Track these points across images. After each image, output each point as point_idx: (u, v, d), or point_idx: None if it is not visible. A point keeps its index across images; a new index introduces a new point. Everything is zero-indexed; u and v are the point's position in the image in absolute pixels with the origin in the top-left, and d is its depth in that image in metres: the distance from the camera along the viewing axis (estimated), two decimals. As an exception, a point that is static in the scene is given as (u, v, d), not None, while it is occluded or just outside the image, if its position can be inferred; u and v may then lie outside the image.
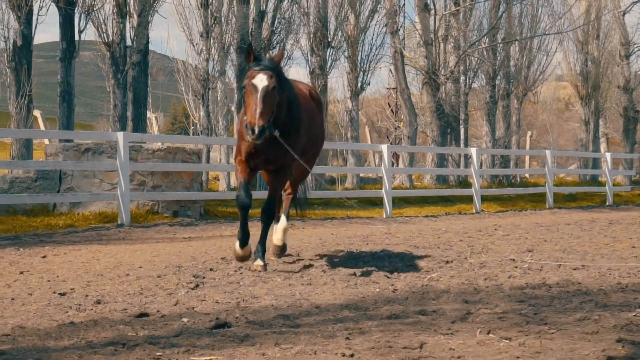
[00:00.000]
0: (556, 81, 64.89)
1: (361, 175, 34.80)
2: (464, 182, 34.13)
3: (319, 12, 31.83)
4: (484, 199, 27.74)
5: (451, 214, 24.72)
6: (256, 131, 9.36)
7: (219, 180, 30.23)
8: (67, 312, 7.47)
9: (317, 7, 31.99)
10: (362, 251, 12.69)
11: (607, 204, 31.67)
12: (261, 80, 9.64)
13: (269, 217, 10.71)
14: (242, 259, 10.67)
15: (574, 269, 10.41)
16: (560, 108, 76.51)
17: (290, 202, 12.37)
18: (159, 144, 20.41)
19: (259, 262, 10.41)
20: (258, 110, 9.44)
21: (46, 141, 23.54)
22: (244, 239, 10.59)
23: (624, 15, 48.97)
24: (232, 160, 32.04)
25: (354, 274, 9.85)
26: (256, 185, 24.73)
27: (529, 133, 53.00)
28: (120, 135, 18.12)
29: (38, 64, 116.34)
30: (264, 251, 10.62)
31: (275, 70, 9.86)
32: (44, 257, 12.20)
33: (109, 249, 13.45)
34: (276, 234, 11.78)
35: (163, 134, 28.60)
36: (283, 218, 11.89)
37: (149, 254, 12.56)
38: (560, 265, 10.82)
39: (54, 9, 25.30)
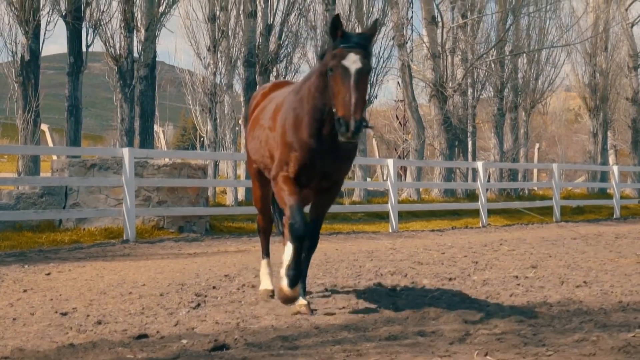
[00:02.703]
0: (566, 91, 64.85)
1: (369, 187, 34.77)
2: (472, 194, 34.10)
3: (326, 26, 31.83)
4: (491, 212, 27.70)
5: (457, 227, 24.69)
6: (352, 126, 7.47)
7: (226, 193, 30.22)
8: (67, 333, 7.49)
9: (324, 20, 32.02)
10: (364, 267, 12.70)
11: (614, 216, 31.60)
12: (354, 62, 7.79)
13: (314, 244, 8.90)
14: (291, 300, 8.55)
15: (577, 286, 10.41)
16: (570, 119, 76.42)
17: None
18: (165, 159, 20.43)
19: (302, 301, 8.67)
20: (353, 100, 7.58)
21: (54, 155, 23.59)
22: (295, 278, 8.45)
23: (632, 27, 48.95)
24: (240, 174, 32.04)
25: (355, 292, 9.84)
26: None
27: (537, 145, 52.89)
28: (125, 151, 18.17)
29: (48, 76, 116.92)
30: (304, 286, 8.89)
31: (369, 50, 8.07)
32: (48, 274, 12.22)
33: (113, 265, 13.47)
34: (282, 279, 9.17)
35: (168, 150, 28.62)
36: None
37: (153, 270, 12.58)
38: (563, 282, 10.82)
39: (61, 24, 25.44)
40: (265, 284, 9.92)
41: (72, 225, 18.81)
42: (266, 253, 10.37)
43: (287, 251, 8.96)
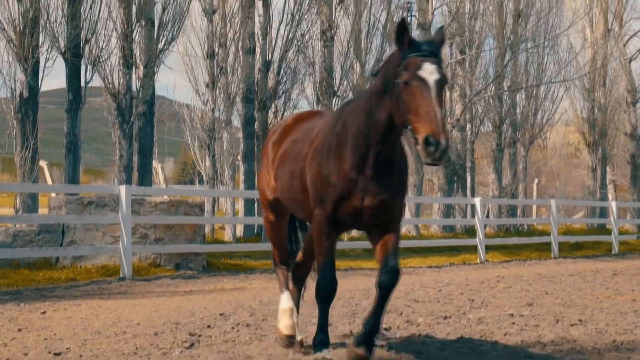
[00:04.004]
0: (565, 126, 64.96)
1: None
2: (471, 230, 34.08)
3: (325, 62, 31.99)
4: (489, 248, 27.69)
5: (455, 264, 24.68)
6: (443, 145, 6.52)
7: (224, 229, 30.24)
8: (59, 374, 7.49)
9: (323, 56, 32.16)
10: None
11: (613, 252, 31.58)
12: (432, 73, 6.86)
13: (394, 281, 7.40)
14: None
15: (572, 325, 10.41)
16: (570, 152, 76.45)
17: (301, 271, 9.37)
18: (162, 196, 20.46)
19: (361, 349, 7.42)
20: (439, 115, 6.65)
21: (53, 193, 23.65)
22: (324, 344, 7.72)
23: (630, 62, 49.11)
24: (239, 209, 32.01)
25: (350, 332, 9.84)
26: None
27: (536, 180, 52.95)
28: (122, 188, 18.21)
29: (49, 110, 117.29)
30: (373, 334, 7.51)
31: (441, 60, 7.16)
32: (43, 312, 12.21)
33: (109, 304, 13.46)
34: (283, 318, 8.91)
35: (165, 188, 28.63)
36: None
37: (148, 309, 12.56)
38: (558, 320, 10.82)
39: (60, 61, 25.51)
40: (285, 325, 8.79)
41: (68, 263, 18.80)
42: (286, 286, 9.22)
43: (284, 300, 8.87)
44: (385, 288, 7.35)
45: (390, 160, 7.42)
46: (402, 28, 7.02)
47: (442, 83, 6.85)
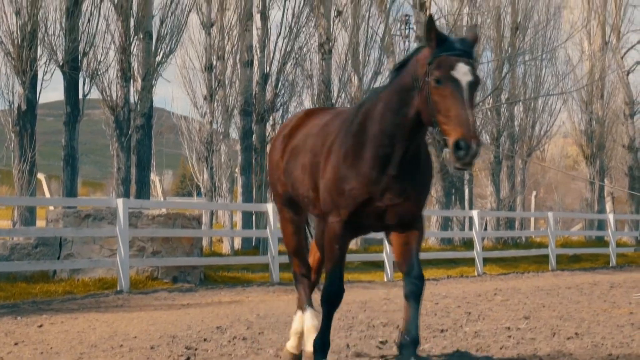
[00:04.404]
0: (563, 138, 65.04)
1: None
2: (469, 242, 34.07)
3: (322, 75, 32.02)
4: (486, 260, 27.69)
5: (453, 277, 24.67)
6: (474, 150, 6.34)
7: (222, 242, 30.23)
8: (54, 388, 7.49)
9: (321, 69, 32.19)
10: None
11: (610, 265, 31.59)
12: (465, 73, 6.61)
13: (420, 288, 7.22)
14: None
15: (568, 338, 10.42)
16: (569, 164, 76.49)
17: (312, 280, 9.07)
18: (160, 209, 20.48)
19: None
20: (471, 119, 6.44)
21: (51, 206, 23.68)
22: (325, 348, 7.66)
23: (627, 75, 49.19)
24: (236, 221, 32.01)
25: (347, 346, 9.84)
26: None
27: (534, 193, 52.95)
28: (119, 201, 18.23)
29: (48, 123, 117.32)
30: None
31: (475, 60, 6.94)
32: (40, 326, 12.21)
33: (106, 317, 13.46)
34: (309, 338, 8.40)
35: (162, 201, 28.70)
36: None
37: (145, 322, 12.56)
38: (554, 334, 10.82)
39: (58, 73, 25.52)
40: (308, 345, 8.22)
41: (66, 276, 18.81)
42: (309, 302, 8.75)
43: (308, 318, 8.46)
44: (416, 297, 7.14)
45: (416, 158, 7.19)
46: (431, 25, 6.80)
47: (475, 85, 6.65)
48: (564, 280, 23.37)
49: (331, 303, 7.46)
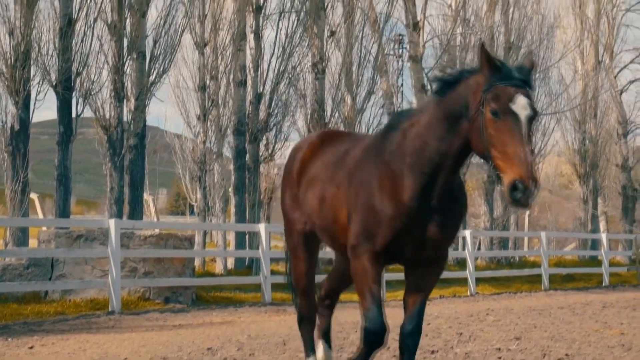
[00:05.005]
0: (558, 156, 65.09)
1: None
2: (462, 262, 34.04)
3: (316, 94, 32.08)
4: (479, 280, 27.68)
5: (445, 296, 24.66)
6: (533, 192, 5.98)
7: (215, 261, 30.21)
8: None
9: (314, 89, 32.24)
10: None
11: (603, 284, 31.59)
12: (524, 107, 6.19)
13: (417, 340, 7.16)
14: None
15: (558, 359, 10.41)
16: (563, 183, 76.57)
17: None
18: (152, 230, 20.46)
19: None
20: (529, 157, 6.02)
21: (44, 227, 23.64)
22: None
23: (621, 94, 49.34)
24: (230, 240, 31.94)
25: (336, 367, 9.82)
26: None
27: (527, 212, 52.99)
28: (111, 222, 18.23)
29: (42, 141, 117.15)
30: None
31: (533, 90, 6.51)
32: (31, 347, 12.18)
33: (97, 338, 13.43)
34: None
35: (154, 222, 28.63)
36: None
37: (136, 343, 12.54)
38: (545, 355, 10.82)
39: (51, 93, 25.52)
40: None
41: (57, 297, 18.77)
42: (312, 348, 8.55)
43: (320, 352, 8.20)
44: (410, 353, 7.06)
45: (450, 188, 6.83)
46: (484, 51, 6.37)
47: (534, 119, 6.25)
48: (556, 300, 23.37)
49: (373, 344, 6.97)
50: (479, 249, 36.12)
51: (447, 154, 6.57)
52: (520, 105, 6.16)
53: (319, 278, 8.75)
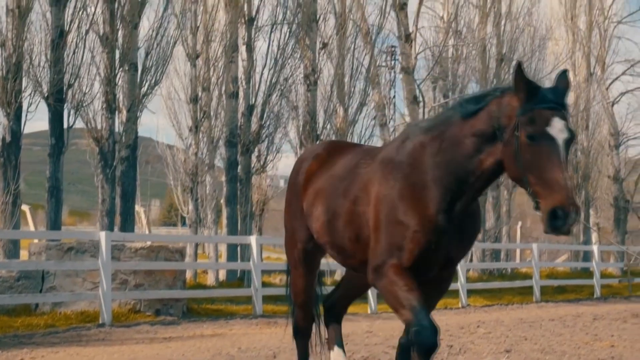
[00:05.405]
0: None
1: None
2: (454, 274, 34.06)
3: (308, 106, 32.11)
4: (471, 292, 27.68)
5: (437, 308, 24.49)
6: (573, 218, 5.77)
7: (207, 273, 30.20)
8: None
9: (306, 100, 32.27)
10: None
11: (595, 296, 31.60)
12: (562, 131, 6.03)
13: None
14: None
15: (547, 373, 10.43)
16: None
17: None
18: (143, 242, 20.43)
19: None
20: (569, 183, 5.87)
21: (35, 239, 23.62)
22: None
23: (612, 105, 49.43)
24: (222, 252, 31.92)
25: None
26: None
27: (519, 223, 53.00)
28: (102, 234, 18.20)
29: (34, 152, 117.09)
30: None
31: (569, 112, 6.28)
32: (20, 360, 12.18)
33: (87, 351, 13.40)
34: None
35: (145, 234, 28.63)
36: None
37: (126, 356, 12.52)
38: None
39: (43, 105, 25.50)
40: None
41: (48, 309, 18.74)
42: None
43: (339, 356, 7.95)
44: None
45: (470, 207, 6.71)
46: (520, 73, 6.14)
47: (571, 142, 6.06)
48: (547, 312, 23.38)
49: (428, 350, 6.32)
50: (470, 260, 36.12)
51: (475, 173, 6.43)
52: (557, 128, 5.99)
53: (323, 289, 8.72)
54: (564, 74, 6.42)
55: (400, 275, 6.45)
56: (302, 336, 8.46)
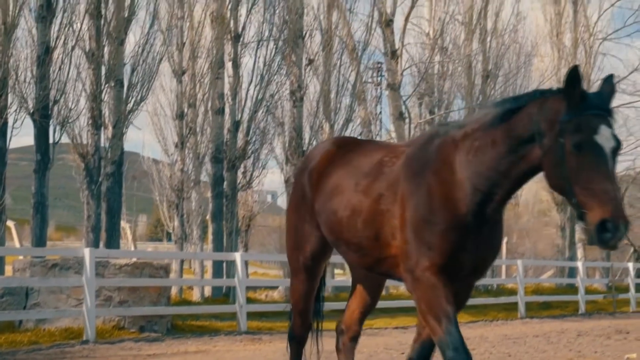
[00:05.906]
0: (537, 182, 65.19)
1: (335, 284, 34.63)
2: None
3: (294, 122, 32.17)
4: (456, 308, 27.65)
5: (421, 325, 24.59)
6: (622, 231, 5.51)
7: (192, 289, 30.18)
8: None
9: (292, 116, 32.33)
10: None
11: (579, 312, 31.66)
12: (608, 139, 5.75)
13: None
14: None
15: (529, 391, 10.47)
16: (543, 209, 76.81)
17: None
18: (127, 258, 20.42)
19: None
20: (618, 195, 5.61)
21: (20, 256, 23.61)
22: None
23: (597, 122, 49.55)
24: (208, 268, 31.89)
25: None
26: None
27: (505, 239, 53.15)
28: (86, 251, 18.18)
29: (21, 167, 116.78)
30: None
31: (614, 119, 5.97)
32: (3, 378, 12.15)
33: (70, 368, 13.40)
34: None
35: (130, 250, 28.66)
36: None
37: (109, 374, 12.52)
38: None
39: (29, 120, 25.51)
40: None
41: (32, 326, 18.68)
42: None
43: None
44: None
45: (496, 215, 6.48)
46: (575, 77, 5.89)
47: (618, 150, 5.79)
48: (532, 328, 23.41)
49: None
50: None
51: (507, 175, 6.22)
52: (604, 137, 5.72)
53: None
54: (610, 79, 6.23)
55: (440, 278, 6.20)
56: (297, 343, 8.30)
